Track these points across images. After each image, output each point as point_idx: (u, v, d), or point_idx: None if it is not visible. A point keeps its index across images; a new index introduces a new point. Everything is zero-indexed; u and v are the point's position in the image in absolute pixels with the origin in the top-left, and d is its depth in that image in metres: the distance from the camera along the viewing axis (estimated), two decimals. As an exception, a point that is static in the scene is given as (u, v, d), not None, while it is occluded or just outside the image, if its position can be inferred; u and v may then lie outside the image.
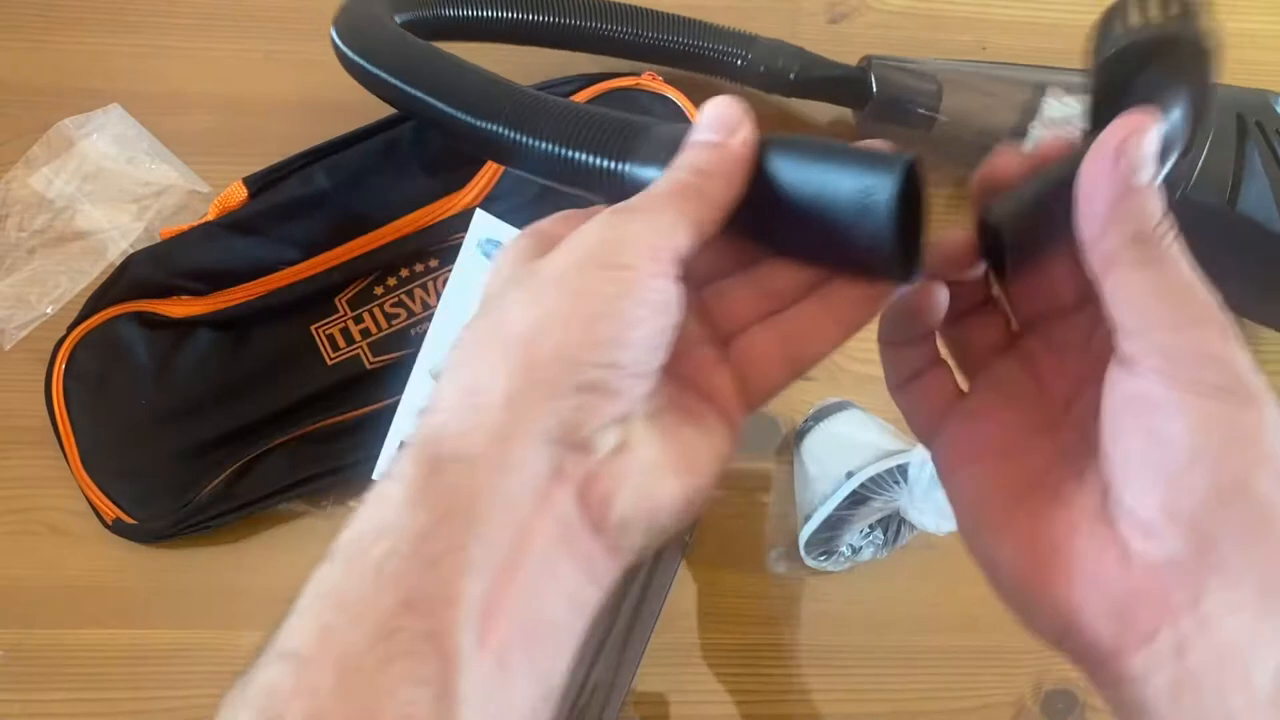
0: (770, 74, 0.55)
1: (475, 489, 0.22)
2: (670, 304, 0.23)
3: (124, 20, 0.59)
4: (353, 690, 0.20)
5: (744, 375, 0.27)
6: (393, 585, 0.21)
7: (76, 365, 0.50)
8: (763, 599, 0.51)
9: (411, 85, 0.38)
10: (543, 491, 0.22)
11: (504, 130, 0.32)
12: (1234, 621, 0.21)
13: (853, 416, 0.51)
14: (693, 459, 0.25)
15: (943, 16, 0.64)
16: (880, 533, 0.51)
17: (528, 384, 0.22)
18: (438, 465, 0.22)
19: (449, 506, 0.21)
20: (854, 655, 0.51)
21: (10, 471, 0.51)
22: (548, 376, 0.22)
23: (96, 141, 0.55)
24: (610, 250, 0.23)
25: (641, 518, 0.23)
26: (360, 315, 0.53)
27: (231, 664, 0.52)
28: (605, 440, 0.23)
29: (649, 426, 0.24)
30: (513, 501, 0.22)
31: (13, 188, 0.54)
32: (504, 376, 0.22)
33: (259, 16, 0.59)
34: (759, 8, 0.63)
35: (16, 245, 0.53)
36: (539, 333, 0.23)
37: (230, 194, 0.52)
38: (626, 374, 0.23)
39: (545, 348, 0.22)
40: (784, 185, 0.25)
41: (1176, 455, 0.21)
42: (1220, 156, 0.48)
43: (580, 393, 0.22)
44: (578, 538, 0.23)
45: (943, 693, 0.51)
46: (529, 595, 0.22)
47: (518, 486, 0.22)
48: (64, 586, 0.49)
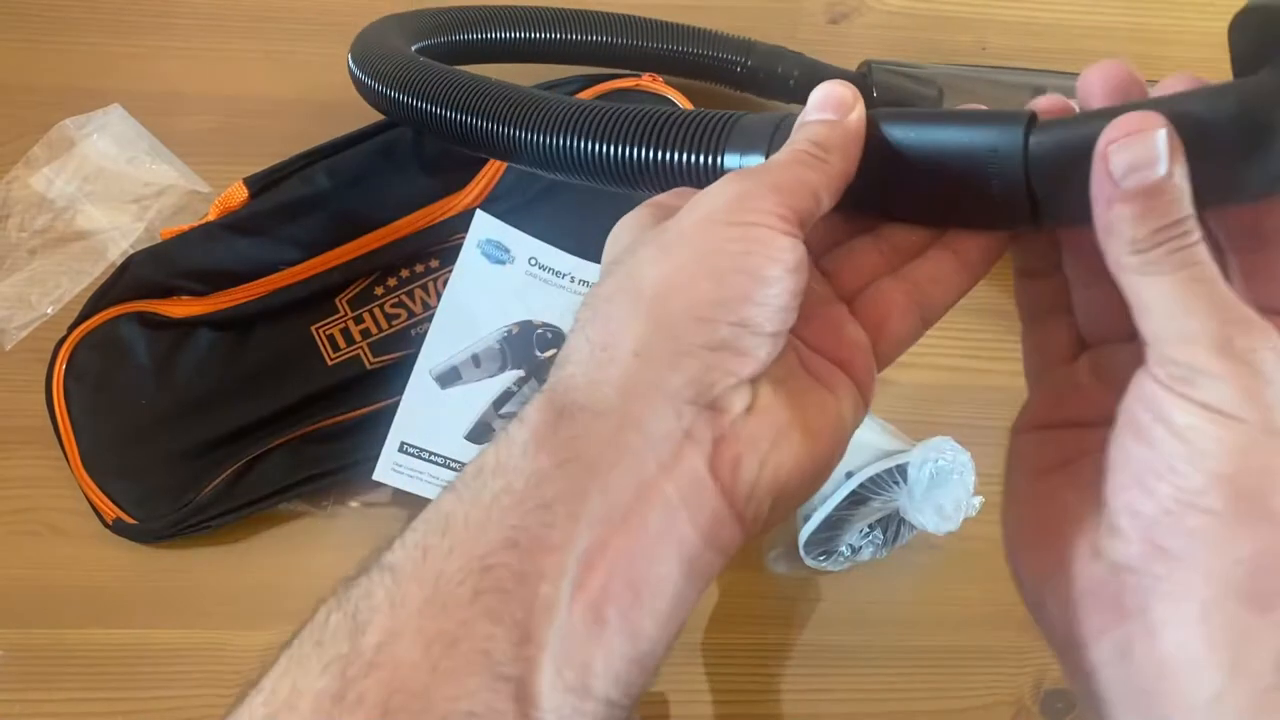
0: (770, 80, 0.55)
1: (602, 440, 0.22)
2: (799, 263, 0.23)
3: (124, 21, 0.59)
4: (437, 614, 0.20)
5: (874, 329, 0.27)
6: (500, 521, 0.21)
7: (77, 365, 0.50)
8: (763, 599, 0.51)
9: (465, 114, 0.39)
10: (672, 450, 0.22)
11: (575, 140, 0.33)
12: (1176, 636, 0.21)
13: (852, 416, 0.51)
14: (822, 424, 0.25)
15: (943, 16, 0.64)
16: (880, 533, 0.51)
17: (658, 340, 0.22)
18: (566, 412, 0.22)
19: (573, 454, 0.22)
20: (854, 655, 0.51)
21: (11, 471, 0.51)
22: (678, 333, 0.22)
23: (97, 142, 0.55)
24: (738, 209, 0.23)
25: (769, 482, 0.23)
26: (360, 315, 0.53)
27: (231, 664, 0.52)
28: (736, 401, 0.23)
29: (778, 390, 0.24)
30: (639, 456, 0.22)
31: (13, 188, 0.54)
32: (634, 333, 0.23)
33: (259, 16, 0.60)
34: (759, 8, 0.63)
35: (17, 245, 0.53)
36: (669, 289, 0.23)
37: (231, 194, 0.52)
38: (756, 333, 0.23)
39: (676, 304, 0.23)
40: (908, 153, 0.26)
41: (1153, 460, 0.21)
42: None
43: (711, 350, 0.22)
44: (705, 499, 0.22)
45: (943, 693, 0.51)
46: (641, 551, 0.21)
47: (645, 441, 0.22)
48: (64, 586, 0.49)
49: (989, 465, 0.50)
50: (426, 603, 0.20)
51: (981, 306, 0.57)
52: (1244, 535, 0.20)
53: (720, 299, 0.22)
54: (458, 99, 0.39)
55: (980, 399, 0.56)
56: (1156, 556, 0.21)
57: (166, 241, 0.52)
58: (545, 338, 0.52)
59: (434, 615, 0.20)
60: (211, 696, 0.48)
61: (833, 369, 0.26)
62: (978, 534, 0.52)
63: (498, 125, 0.37)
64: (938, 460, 0.45)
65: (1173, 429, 0.21)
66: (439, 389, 0.51)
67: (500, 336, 0.52)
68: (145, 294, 0.51)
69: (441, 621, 0.20)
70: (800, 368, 0.25)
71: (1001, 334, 0.57)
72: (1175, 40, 0.64)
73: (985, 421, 0.55)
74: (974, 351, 0.56)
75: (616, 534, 0.21)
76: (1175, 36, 0.64)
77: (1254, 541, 0.20)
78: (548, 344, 0.52)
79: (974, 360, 0.56)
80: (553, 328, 0.53)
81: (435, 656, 0.20)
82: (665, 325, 0.22)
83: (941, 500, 0.46)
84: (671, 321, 0.22)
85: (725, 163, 0.28)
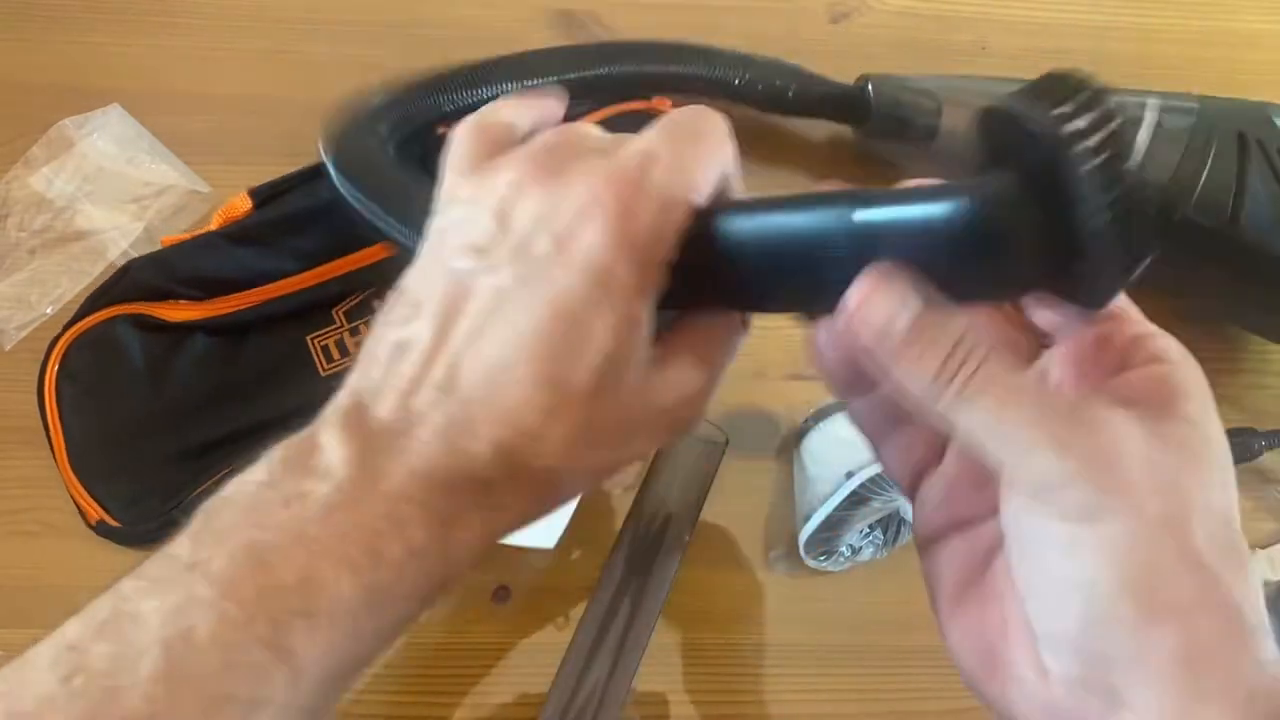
0: (768, 92, 0.55)
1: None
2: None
3: (124, 20, 0.59)
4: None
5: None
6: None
7: (70, 364, 0.50)
8: (762, 599, 0.51)
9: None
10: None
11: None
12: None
13: (852, 416, 0.51)
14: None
15: (943, 16, 0.64)
16: (880, 533, 0.51)
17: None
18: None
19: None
20: (853, 655, 0.51)
21: (10, 471, 0.51)
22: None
23: (96, 141, 0.55)
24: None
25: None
26: (356, 327, 0.53)
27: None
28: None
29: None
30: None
31: (13, 188, 0.54)
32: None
33: (259, 16, 0.59)
34: (759, 8, 0.63)
35: (17, 245, 0.53)
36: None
37: (234, 205, 0.52)
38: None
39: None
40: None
41: (1055, 581, 0.21)
42: (1221, 176, 0.48)
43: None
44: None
45: (942, 693, 0.51)
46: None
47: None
48: (63, 586, 0.49)
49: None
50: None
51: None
52: (1170, 632, 0.20)
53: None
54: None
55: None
56: (1101, 669, 0.21)
57: (167, 248, 0.52)
58: None
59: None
60: (211, 697, 0.48)
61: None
62: (978, 534, 0.52)
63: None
64: (938, 460, 0.45)
65: (1057, 548, 0.21)
66: None
67: None
68: (143, 297, 0.51)
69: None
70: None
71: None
72: (1175, 40, 0.64)
73: (985, 421, 0.55)
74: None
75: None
76: (1174, 36, 0.64)
77: (1179, 636, 0.20)
78: None
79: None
80: None
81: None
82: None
83: (941, 500, 0.46)
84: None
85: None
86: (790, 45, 0.62)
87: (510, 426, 0.24)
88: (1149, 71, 0.63)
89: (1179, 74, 0.63)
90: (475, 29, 0.61)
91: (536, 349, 0.24)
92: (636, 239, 0.24)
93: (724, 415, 0.54)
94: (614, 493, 0.52)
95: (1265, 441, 0.54)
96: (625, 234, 0.24)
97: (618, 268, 0.24)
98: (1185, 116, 0.50)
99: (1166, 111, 0.50)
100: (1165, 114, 0.50)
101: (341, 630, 0.22)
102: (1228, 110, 0.50)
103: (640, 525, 0.49)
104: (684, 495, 0.50)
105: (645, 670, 0.48)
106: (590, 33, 0.61)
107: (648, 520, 0.49)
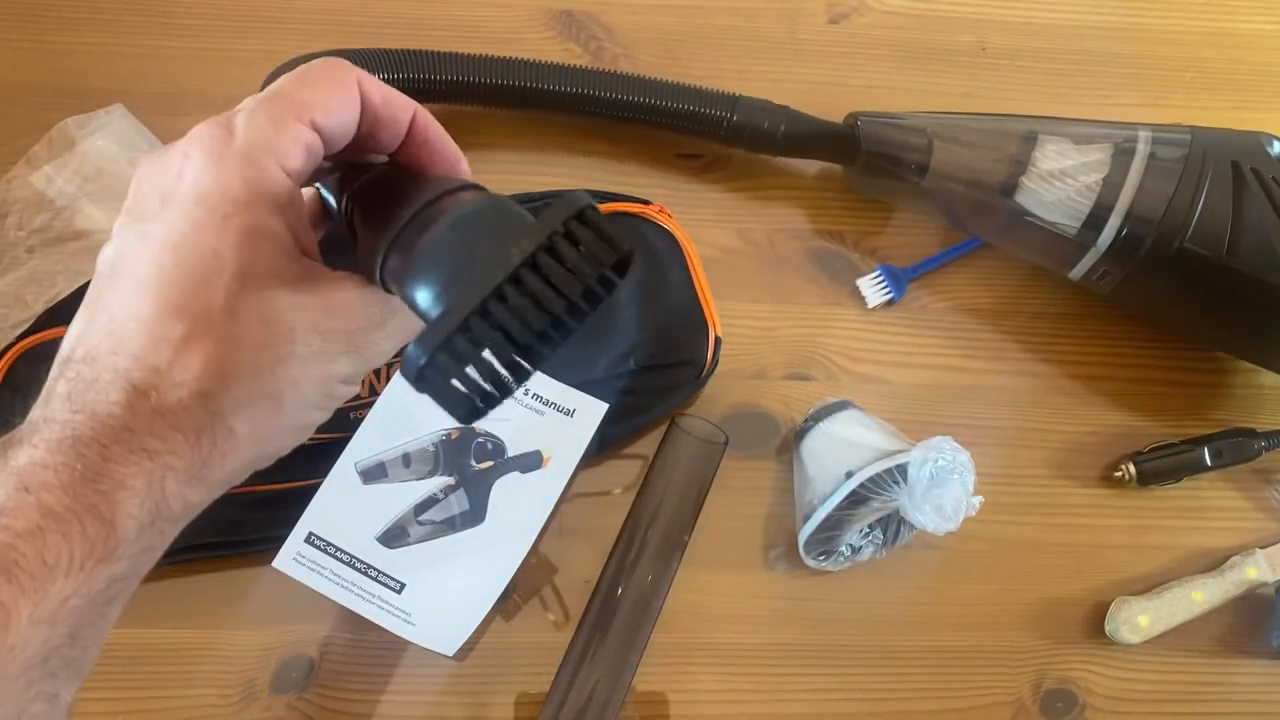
0: (757, 134, 0.55)
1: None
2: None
3: (125, 20, 0.59)
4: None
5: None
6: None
7: (16, 376, 0.50)
8: (762, 599, 0.51)
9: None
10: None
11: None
12: None
13: (852, 416, 0.51)
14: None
15: (943, 16, 0.64)
16: (880, 532, 0.51)
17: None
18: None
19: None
20: (854, 655, 0.51)
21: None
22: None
23: (98, 141, 0.55)
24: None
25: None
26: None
27: (232, 664, 0.52)
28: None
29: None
30: None
31: (13, 186, 0.54)
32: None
33: (259, 16, 0.60)
34: (759, 8, 0.63)
35: (15, 244, 0.53)
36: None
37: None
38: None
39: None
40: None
41: None
42: (1218, 207, 0.48)
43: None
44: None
45: (942, 692, 0.51)
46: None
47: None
48: None
49: (989, 465, 0.50)
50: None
51: (980, 307, 0.57)
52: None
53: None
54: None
55: (980, 399, 0.56)
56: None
57: None
58: (485, 448, 0.50)
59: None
60: (212, 696, 0.48)
61: None
62: (978, 534, 0.52)
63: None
64: (937, 460, 0.45)
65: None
66: (360, 483, 0.49)
67: (437, 439, 0.50)
68: None
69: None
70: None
71: (1001, 334, 0.57)
72: (1174, 40, 0.64)
73: (985, 421, 0.55)
74: (974, 351, 0.57)
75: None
76: (1174, 36, 0.64)
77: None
78: (486, 455, 0.50)
79: (974, 360, 0.56)
80: (494, 438, 0.50)
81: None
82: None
83: (941, 500, 0.46)
84: None
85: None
86: (790, 45, 0.62)
87: (139, 367, 0.25)
88: (1149, 71, 0.63)
89: (1179, 74, 0.63)
90: (475, 29, 0.61)
91: (159, 287, 0.26)
92: (236, 155, 0.27)
93: (724, 415, 0.54)
94: (614, 493, 0.52)
95: (1265, 441, 0.54)
96: (222, 155, 0.27)
97: (223, 186, 0.26)
98: (1178, 148, 0.49)
99: (1159, 144, 0.50)
100: (1158, 145, 0.50)
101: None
102: (1220, 140, 0.50)
103: (640, 525, 0.49)
104: (684, 495, 0.50)
105: (645, 670, 0.48)
106: (590, 32, 0.61)
107: (648, 520, 0.49)
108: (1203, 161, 0.49)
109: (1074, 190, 0.50)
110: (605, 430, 0.51)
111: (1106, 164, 0.50)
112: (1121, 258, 0.50)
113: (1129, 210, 0.49)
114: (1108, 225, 0.49)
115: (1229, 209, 0.48)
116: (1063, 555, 0.53)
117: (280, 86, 0.29)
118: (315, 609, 0.48)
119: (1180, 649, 0.52)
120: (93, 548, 0.24)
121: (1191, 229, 0.48)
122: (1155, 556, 0.54)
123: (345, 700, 0.48)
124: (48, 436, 0.25)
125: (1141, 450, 0.54)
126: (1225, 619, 0.53)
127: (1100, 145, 0.51)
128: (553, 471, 0.50)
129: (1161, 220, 0.48)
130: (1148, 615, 0.51)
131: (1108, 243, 0.50)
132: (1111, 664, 0.52)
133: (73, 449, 0.25)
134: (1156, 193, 0.48)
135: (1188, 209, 0.48)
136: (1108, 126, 0.52)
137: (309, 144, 0.28)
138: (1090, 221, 0.50)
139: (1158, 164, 0.49)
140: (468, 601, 0.47)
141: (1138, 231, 0.49)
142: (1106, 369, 0.57)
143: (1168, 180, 0.49)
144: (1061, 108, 0.60)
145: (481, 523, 0.49)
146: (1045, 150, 0.51)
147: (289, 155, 0.28)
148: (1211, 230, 0.48)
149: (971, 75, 0.62)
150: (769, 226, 0.58)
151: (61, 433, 0.25)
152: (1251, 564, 0.52)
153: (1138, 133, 0.51)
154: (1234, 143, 0.50)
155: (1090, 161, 0.50)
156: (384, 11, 0.60)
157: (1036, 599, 0.53)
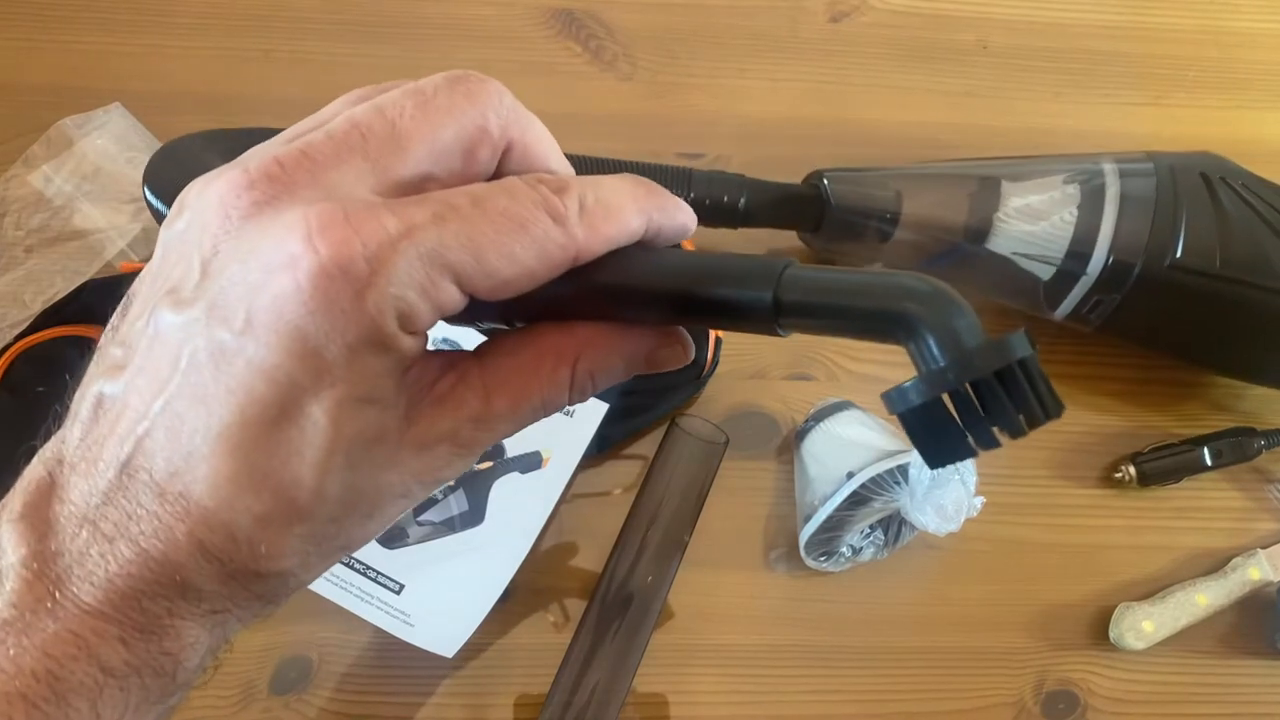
0: (716, 208, 0.50)
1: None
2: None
3: (124, 20, 0.59)
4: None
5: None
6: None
7: (13, 376, 0.50)
8: (763, 599, 0.51)
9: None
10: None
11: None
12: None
13: (853, 416, 0.51)
14: None
15: (944, 15, 0.64)
16: (881, 533, 0.51)
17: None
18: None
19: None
20: (854, 655, 0.51)
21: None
22: None
23: (96, 140, 0.55)
24: None
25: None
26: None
27: (231, 664, 0.52)
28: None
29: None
30: None
31: (11, 185, 0.54)
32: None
33: (259, 16, 0.59)
34: (760, 7, 0.63)
35: (14, 243, 0.53)
36: None
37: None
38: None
39: None
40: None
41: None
42: (1201, 219, 0.48)
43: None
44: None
45: (943, 693, 0.51)
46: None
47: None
48: None
49: (989, 465, 0.50)
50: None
51: (980, 306, 0.57)
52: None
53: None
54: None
55: (981, 399, 0.56)
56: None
57: (126, 275, 0.52)
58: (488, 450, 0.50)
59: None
60: (211, 697, 0.48)
61: None
62: (978, 534, 0.52)
63: None
64: (938, 460, 0.45)
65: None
66: None
67: None
68: (90, 321, 0.51)
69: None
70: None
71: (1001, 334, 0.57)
72: (1174, 40, 0.64)
73: (986, 421, 0.55)
74: (974, 351, 0.56)
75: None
76: (1174, 36, 0.64)
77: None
78: (485, 455, 0.49)
79: (974, 360, 0.56)
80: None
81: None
82: None
83: (942, 500, 0.45)
84: None
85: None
86: (791, 44, 0.62)
87: (210, 528, 0.20)
88: (1149, 71, 0.63)
89: (1181, 73, 0.63)
90: (475, 28, 0.60)
91: (240, 443, 0.19)
92: (367, 316, 0.19)
93: (724, 415, 0.54)
94: (614, 493, 0.52)
95: (1265, 441, 0.54)
96: (341, 300, 0.19)
97: (325, 341, 0.19)
98: (1145, 179, 0.49)
99: (1126, 176, 0.50)
100: (1125, 179, 0.50)
101: None
102: (1180, 160, 0.50)
103: (640, 525, 0.49)
104: (684, 495, 0.50)
105: (645, 670, 0.48)
106: (590, 31, 0.61)
107: (648, 520, 0.49)
108: (1173, 178, 0.49)
109: (1050, 225, 0.50)
110: (605, 430, 0.50)
111: (1077, 195, 0.50)
112: (1112, 285, 0.49)
113: (1114, 235, 0.48)
114: (1094, 254, 0.49)
115: (1213, 221, 0.48)
116: (1064, 556, 0.53)
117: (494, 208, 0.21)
118: (314, 609, 0.48)
119: (1182, 650, 0.52)
120: (147, 694, 0.21)
121: (1180, 245, 0.48)
122: (1156, 557, 0.54)
123: (344, 701, 0.48)
124: (101, 577, 0.20)
125: (1141, 450, 0.54)
126: (1227, 620, 0.52)
127: (1066, 176, 0.51)
128: (552, 472, 0.50)
129: (1149, 240, 0.48)
130: (1152, 620, 0.51)
131: (1097, 271, 0.49)
132: (1114, 665, 0.52)
133: (137, 604, 0.20)
134: (1137, 214, 0.48)
135: (1171, 225, 0.48)
136: (1069, 160, 0.52)
137: (457, 306, 0.21)
138: (1075, 251, 0.49)
139: (1131, 183, 0.49)
140: (467, 602, 0.47)
141: (1125, 257, 0.48)
142: (1106, 369, 0.57)
143: (1144, 200, 0.48)
144: (1063, 106, 0.60)
145: (481, 523, 0.49)
146: (1014, 188, 0.51)
147: (430, 318, 0.21)
148: (1200, 244, 0.48)
149: (972, 74, 0.62)
150: (769, 227, 0.58)
151: (121, 573, 0.20)
152: (1254, 565, 0.52)
153: (1101, 163, 0.51)
154: (1193, 160, 0.50)
155: (1060, 196, 0.50)
156: (382, 10, 0.60)
157: (1038, 600, 0.53)
